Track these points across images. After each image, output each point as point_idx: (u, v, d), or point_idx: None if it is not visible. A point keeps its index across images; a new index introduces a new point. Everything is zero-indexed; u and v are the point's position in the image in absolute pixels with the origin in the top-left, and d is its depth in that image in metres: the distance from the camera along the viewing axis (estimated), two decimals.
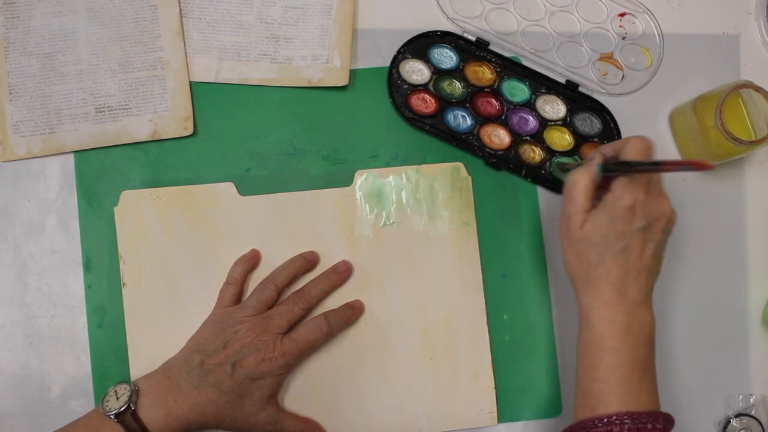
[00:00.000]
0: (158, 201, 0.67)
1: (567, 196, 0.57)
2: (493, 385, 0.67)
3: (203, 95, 0.69)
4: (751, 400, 0.69)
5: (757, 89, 0.65)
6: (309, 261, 0.66)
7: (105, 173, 0.68)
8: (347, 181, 0.68)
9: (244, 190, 0.68)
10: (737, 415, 0.69)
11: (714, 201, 0.72)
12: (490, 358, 0.67)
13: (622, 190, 0.55)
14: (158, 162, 0.68)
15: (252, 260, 0.66)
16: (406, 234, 0.68)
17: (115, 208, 0.66)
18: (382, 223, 0.68)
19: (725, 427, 0.69)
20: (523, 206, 0.70)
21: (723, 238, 0.71)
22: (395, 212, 0.68)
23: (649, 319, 0.56)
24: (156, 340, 0.65)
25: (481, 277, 0.68)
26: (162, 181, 0.68)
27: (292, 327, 0.63)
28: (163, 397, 0.58)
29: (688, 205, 0.71)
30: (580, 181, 0.57)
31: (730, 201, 0.72)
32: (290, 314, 0.63)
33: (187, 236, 0.66)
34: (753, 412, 0.69)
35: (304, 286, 0.65)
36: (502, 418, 0.67)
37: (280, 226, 0.67)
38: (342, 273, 0.66)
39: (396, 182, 0.68)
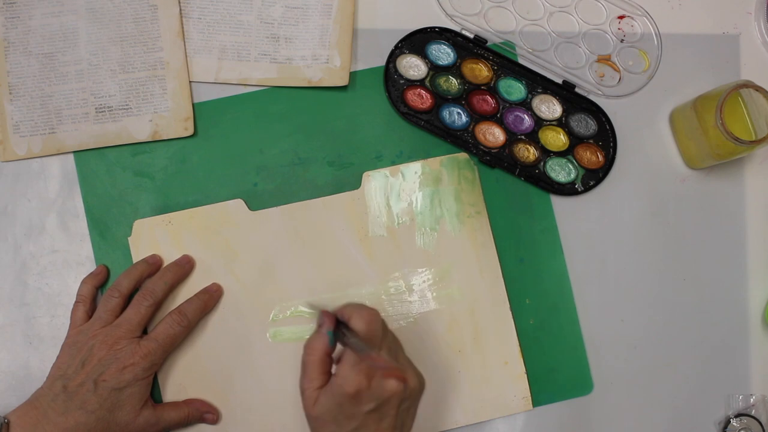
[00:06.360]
0: (171, 226, 0.66)
1: (303, 368, 0.56)
2: (524, 370, 0.66)
3: (204, 112, 0.69)
4: (751, 400, 0.69)
5: (757, 89, 0.65)
6: (151, 264, 0.65)
7: (113, 204, 0.68)
8: (355, 184, 0.68)
9: (253, 205, 0.67)
10: (737, 415, 0.69)
11: (714, 201, 0.71)
12: (517, 343, 0.67)
13: (346, 376, 0.53)
14: (165, 187, 0.68)
15: (99, 276, 0.66)
16: (419, 229, 0.67)
17: (129, 239, 0.66)
18: (395, 221, 0.67)
19: (725, 427, 0.69)
20: (532, 191, 0.70)
21: (723, 238, 0.71)
22: (406, 209, 0.68)
23: None
24: (170, 357, 0.65)
25: (498, 264, 0.67)
26: (171, 205, 0.68)
27: (147, 329, 0.63)
28: (32, 428, 0.58)
29: (688, 205, 0.71)
30: (315, 352, 0.55)
31: (730, 201, 0.72)
32: (138, 316, 0.62)
33: (203, 257, 0.66)
34: (753, 412, 0.69)
35: (145, 283, 0.64)
36: (536, 401, 0.67)
37: (294, 236, 0.67)
38: (184, 265, 0.65)
39: (404, 179, 0.68)
